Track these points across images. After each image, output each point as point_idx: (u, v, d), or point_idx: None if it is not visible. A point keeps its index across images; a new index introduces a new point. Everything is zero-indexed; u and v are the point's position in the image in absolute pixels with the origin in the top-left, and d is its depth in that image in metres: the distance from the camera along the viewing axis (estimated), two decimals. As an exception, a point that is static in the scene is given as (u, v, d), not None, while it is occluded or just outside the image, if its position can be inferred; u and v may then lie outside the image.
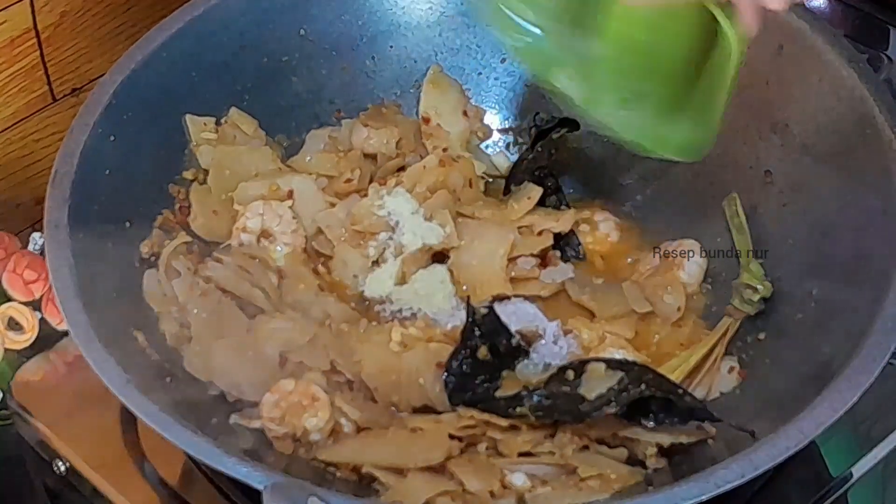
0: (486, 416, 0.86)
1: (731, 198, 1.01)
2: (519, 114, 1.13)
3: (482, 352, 0.89)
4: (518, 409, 0.85)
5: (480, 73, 1.13)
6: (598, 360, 0.86)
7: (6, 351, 1.02)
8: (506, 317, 0.93)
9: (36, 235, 1.07)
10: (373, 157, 1.07)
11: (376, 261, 1.00)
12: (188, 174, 1.02)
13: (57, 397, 0.98)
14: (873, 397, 0.78)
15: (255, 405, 0.88)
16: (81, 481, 0.94)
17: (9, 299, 1.03)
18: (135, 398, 0.79)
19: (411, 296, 0.98)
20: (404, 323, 0.95)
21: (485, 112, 1.13)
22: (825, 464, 0.93)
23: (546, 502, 0.81)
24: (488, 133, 1.13)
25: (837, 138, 0.94)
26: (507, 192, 1.07)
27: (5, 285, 1.03)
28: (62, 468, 0.94)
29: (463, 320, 0.91)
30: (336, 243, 1.01)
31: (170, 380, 0.87)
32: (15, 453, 0.99)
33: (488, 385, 0.88)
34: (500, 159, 1.12)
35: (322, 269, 1.01)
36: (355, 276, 1.00)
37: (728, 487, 0.73)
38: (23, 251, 1.06)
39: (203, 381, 0.89)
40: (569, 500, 0.80)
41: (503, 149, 1.13)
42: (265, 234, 1.00)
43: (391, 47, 1.11)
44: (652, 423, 0.84)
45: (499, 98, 1.13)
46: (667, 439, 0.84)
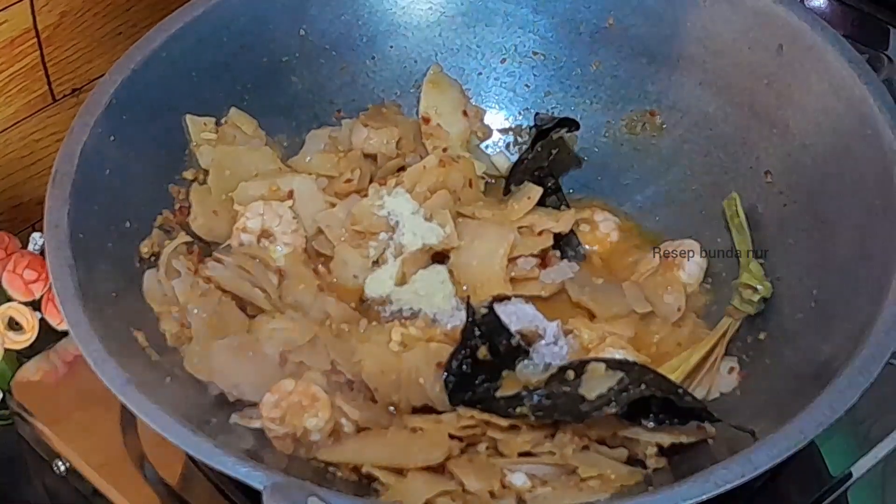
0: (486, 416, 0.86)
1: (731, 198, 1.01)
2: (519, 114, 1.13)
3: (482, 352, 0.89)
4: (518, 409, 0.85)
5: (480, 73, 1.13)
6: (598, 360, 0.86)
7: (6, 351, 1.02)
8: (506, 317, 0.93)
9: (36, 235, 1.07)
10: (373, 157, 1.07)
11: (376, 261, 1.00)
12: (188, 174, 1.02)
13: (57, 397, 0.98)
14: (873, 397, 0.78)
15: (255, 405, 0.88)
16: (81, 481, 0.94)
17: (9, 299, 1.03)
18: (135, 398, 0.79)
19: (411, 296, 0.98)
20: (404, 323, 0.95)
21: (485, 112, 1.12)
22: (825, 463, 0.93)
23: (546, 502, 0.81)
24: (488, 133, 1.12)
25: (837, 138, 0.94)
26: (507, 192, 1.07)
27: (5, 285, 1.03)
28: (62, 468, 0.94)
29: (463, 320, 0.91)
30: (336, 243, 1.01)
31: (170, 380, 0.87)
32: (15, 453, 0.99)
33: (488, 385, 0.88)
34: (500, 159, 1.12)
35: (322, 270, 1.01)
36: (355, 277, 1.00)
37: (728, 487, 0.73)
38: (23, 251, 1.06)
39: (203, 381, 0.89)
40: (569, 500, 0.80)
41: (503, 149, 1.13)
42: (265, 234, 1.00)
43: (391, 47, 1.11)
44: (652, 423, 0.84)
45: (499, 98, 1.13)
46: (667, 439, 0.84)
